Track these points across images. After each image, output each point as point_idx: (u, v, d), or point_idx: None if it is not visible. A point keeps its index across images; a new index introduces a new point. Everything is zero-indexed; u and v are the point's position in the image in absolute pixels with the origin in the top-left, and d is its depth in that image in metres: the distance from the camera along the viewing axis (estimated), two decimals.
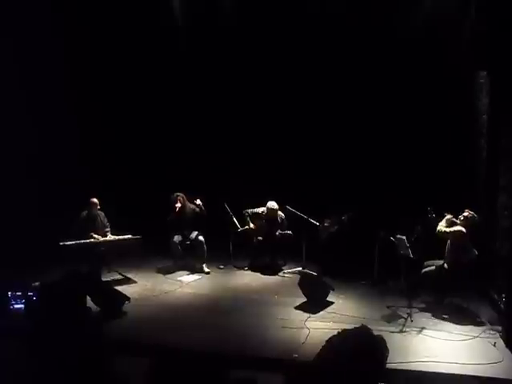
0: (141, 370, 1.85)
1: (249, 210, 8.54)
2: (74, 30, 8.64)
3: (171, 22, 9.06)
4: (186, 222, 8.22)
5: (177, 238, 8.15)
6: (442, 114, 8.11)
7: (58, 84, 8.60)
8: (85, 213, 7.71)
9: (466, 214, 6.33)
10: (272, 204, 8.30)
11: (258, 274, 8.16)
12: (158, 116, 9.59)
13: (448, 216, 6.48)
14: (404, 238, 6.36)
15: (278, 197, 8.30)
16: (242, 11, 8.71)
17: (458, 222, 6.37)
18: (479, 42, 6.81)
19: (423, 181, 8.08)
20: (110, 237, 7.77)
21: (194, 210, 8.23)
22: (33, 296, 5.68)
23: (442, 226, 6.45)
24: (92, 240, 7.54)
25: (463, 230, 6.24)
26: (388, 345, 1.90)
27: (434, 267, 6.46)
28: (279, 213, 8.37)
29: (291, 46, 8.71)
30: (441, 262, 6.48)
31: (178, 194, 8.21)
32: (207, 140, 9.45)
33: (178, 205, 8.12)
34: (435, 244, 6.54)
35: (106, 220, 7.89)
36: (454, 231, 6.26)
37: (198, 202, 8.15)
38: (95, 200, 7.74)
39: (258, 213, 8.50)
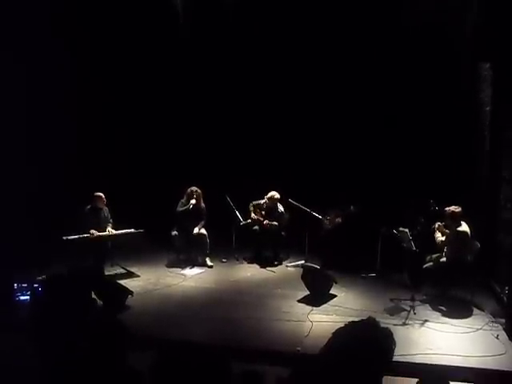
0: (146, 363, 1.85)
1: (254, 202, 8.57)
2: (75, 31, 8.56)
3: (173, 20, 9.01)
4: (192, 216, 8.17)
5: (179, 232, 8.12)
6: (445, 106, 8.08)
7: (60, 78, 8.53)
8: (88, 207, 7.67)
9: (450, 209, 6.25)
10: (273, 193, 8.31)
11: (261, 268, 8.16)
12: (160, 110, 9.55)
13: (437, 225, 6.48)
14: (407, 230, 6.36)
15: (281, 190, 8.31)
16: (243, 7, 8.65)
17: (448, 224, 6.33)
18: (482, 33, 6.79)
19: (426, 173, 8.05)
20: (111, 231, 7.71)
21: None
22: (38, 288, 5.62)
23: (439, 238, 6.44)
24: (95, 234, 7.51)
25: (464, 229, 6.22)
26: None
27: (435, 262, 6.45)
28: (279, 205, 8.37)
29: (293, 38, 8.63)
30: (442, 257, 6.47)
31: (197, 189, 8.14)
32: (209, 133, 9.42)
33: (193, 202, 8.06)
34: None
35: (109, 216, 7.85)
36: (458, 233, 6.22)
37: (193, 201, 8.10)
38: (99, 194, 7.67)
39: (259, 203, 8.54)
